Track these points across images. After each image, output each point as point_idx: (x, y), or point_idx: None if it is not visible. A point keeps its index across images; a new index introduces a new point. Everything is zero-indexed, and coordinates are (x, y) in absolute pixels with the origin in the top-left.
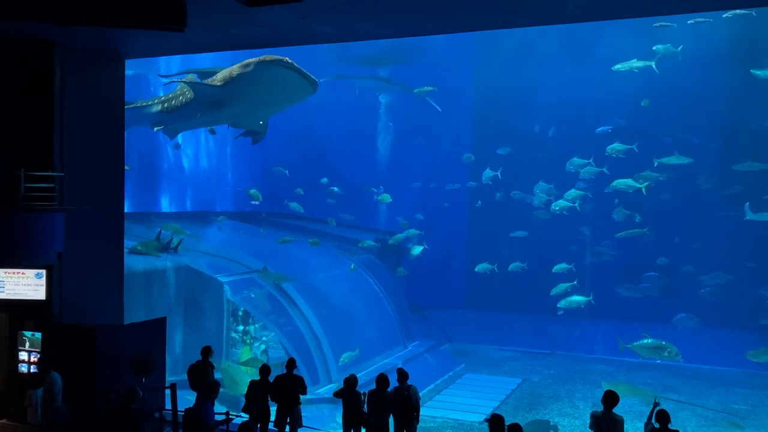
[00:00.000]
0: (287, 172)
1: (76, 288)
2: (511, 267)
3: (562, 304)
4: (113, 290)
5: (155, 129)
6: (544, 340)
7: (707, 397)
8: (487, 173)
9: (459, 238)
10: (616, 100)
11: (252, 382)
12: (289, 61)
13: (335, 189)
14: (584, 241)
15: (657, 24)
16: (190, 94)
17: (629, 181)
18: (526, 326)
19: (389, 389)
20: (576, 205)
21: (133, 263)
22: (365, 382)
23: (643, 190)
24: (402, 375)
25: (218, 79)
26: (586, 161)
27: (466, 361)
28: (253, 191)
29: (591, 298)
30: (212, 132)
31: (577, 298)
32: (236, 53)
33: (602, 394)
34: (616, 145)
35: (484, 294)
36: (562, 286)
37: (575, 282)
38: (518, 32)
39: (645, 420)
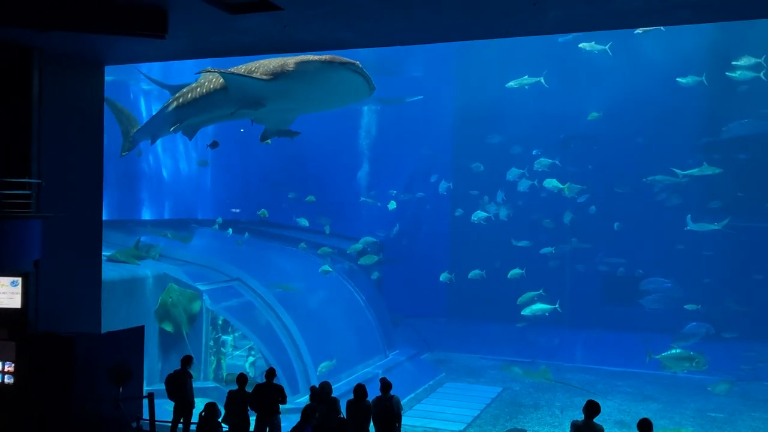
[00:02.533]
0: (208, 163)
1: (53, 296)
2: (471, 275)
3: (526, 312)
4: (91, 298)
5: (172, 130)
6: (525, 348)
7: (685, 405)
8: (443, 185)
9: (440, 246)
10: (596, 110)
11: (231, 392)
12: (360, 65)
13: (291, 195)
14: (573, 250)
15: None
16: (211, 85)
17: (554, 181)
18: (507, 335)
19: (372, 399)
20: (491, 215)
21: (111, 271)
22: (346, 392)
23: (566, 191)
24: (385, 385)
25: (261, 72)
26: (521, 171)
27: (447, 370)
28: (262, 211)
29: (557, 305)
30: (215, 145)
31: (541, 306)
32: (216, 60)
33: (583, 404)
34: (542, 160)
35: (466, 302)
36: (528, 295)
37: (541, 291)
38: (500, 42)
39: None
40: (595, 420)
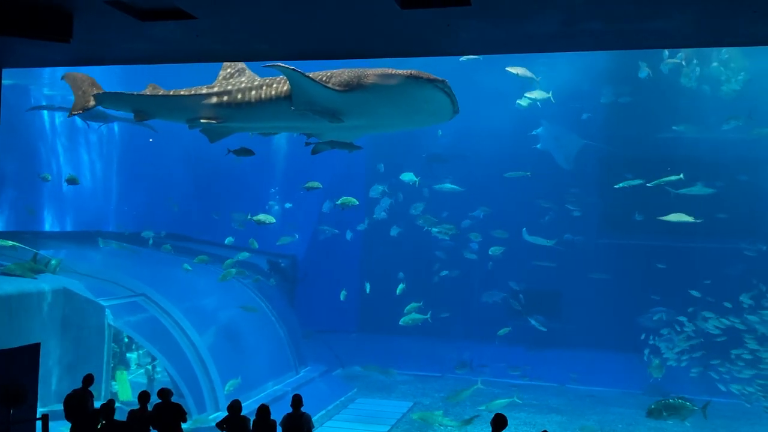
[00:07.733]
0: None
1: None
2: (367, 289)
3: (403, 321)
4: None
5: (204, 123)
6: (435, 363)
7: (587, 417)
8: (327, 204)
9: (352, 260)
10: (502, 132)
11: (132, 411)
12: (448, 83)
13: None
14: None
15: None
16: (272, 91)
17: (410, 175)
18: (418, 349)
19: (283, 415)
20: (348, 235)
21: (4, 285)
22: (254, 410)
23: (417, 184)
24: (296, 402)
25: (333, 81)
26: (382, 186)
27: (359, 386)
28: (261, 216)
29: (428, 316)
30: (241, 153)
31: (414, 316)
32: (126, 68)
33: (491, 418)
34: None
35: (378, 317)
36: (412, 306)
37: (421, 303)
38: (417, 62)
39: None
40: None
